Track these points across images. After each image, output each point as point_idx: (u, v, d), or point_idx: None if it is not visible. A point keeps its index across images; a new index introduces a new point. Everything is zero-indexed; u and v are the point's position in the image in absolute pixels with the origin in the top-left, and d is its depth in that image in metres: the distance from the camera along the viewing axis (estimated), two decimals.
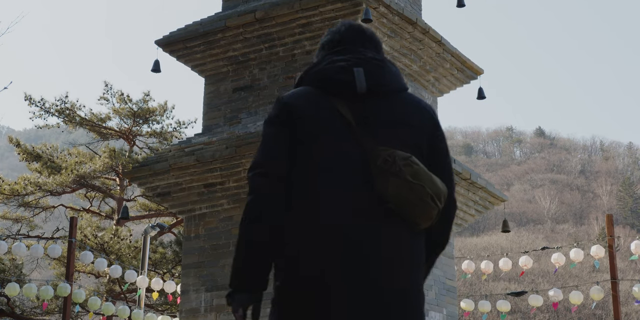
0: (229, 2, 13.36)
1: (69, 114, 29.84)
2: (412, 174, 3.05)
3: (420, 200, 3.05)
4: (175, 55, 13.11)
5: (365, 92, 3.20)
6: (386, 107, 3.23)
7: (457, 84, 13.95)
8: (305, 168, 3.14)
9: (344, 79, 3.20)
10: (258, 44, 12.46)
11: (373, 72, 3.26)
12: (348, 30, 3.42)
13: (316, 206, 3.10)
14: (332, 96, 3.19)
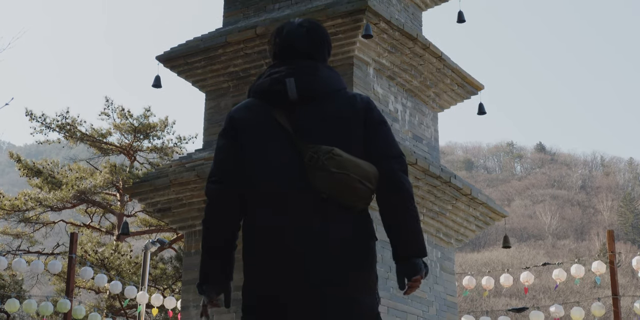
0: (230, 18, 13.40)
1: (70, 130, 29.86)
2: (336, 166, 3.40)
3: (348, 186, 3.41)
4: (176, 71, 13.13)
5: (297, 98, 3.56)
6: (317, 109, 3.57)
7: (458, 100, 13.96)
8: (250, 175, 3.53)
9: (278, 89, 3.59)
10: (259, 59, 12.49)
11: (304, 80, 3.59)
12: (284, 41, 3.76)
13: (257, 210, 3.51)
14: (271, 105, 3.58)
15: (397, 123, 12.64)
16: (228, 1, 13.63)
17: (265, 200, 3.50)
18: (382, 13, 11.66)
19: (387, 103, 12.49)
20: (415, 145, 12.92)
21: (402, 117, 12.84)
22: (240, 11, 13.38)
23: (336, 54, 11.93)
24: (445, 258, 12.75)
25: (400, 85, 12.91)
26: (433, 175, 11.80)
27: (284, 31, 3.80)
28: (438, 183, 11.98)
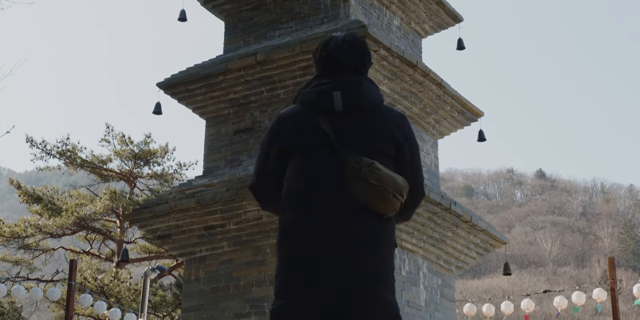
0: (230, 45, 13.45)
1: (70, 156, 29.88)
2: (376, 178, 3.68)
3: (384, 197, 3.70)
4: (176, 98, 13.16)
5: (342, 111, 3.85)
6: (360, 122, 3.86)
7: (458, 126, 13.98)
8: (291, 174, 3.82)
9: (325, 101, 3.86)
10: (259, 86, 12.52)
11: (349, 94, 3.89)
12: (330, 55, 4.04)
13: (292, 208, 3.77)
14: (317, 114, 3.85)
15: None
16: (229, 28, 13.70)
17: (301, 200, 3.76)
18: (382, 40, 11.70)
19: None
20: None
21: None
22: (241, 38, 13.44)
23: None
24: (446, 285, 12.70)
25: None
26: (433, 202, 11.78)
27: (330, 45, 4.08)
28: (438, 210, 11.97)
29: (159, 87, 13.13)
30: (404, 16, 13.90)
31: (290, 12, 13.13)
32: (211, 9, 13.85)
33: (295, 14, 13.05)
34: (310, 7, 12.93)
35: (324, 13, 12.75)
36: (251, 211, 11.51)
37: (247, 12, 13.57)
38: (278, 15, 13.23)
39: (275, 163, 3.91)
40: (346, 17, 12.44)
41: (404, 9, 13.79)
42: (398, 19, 13.82)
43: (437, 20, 14.43)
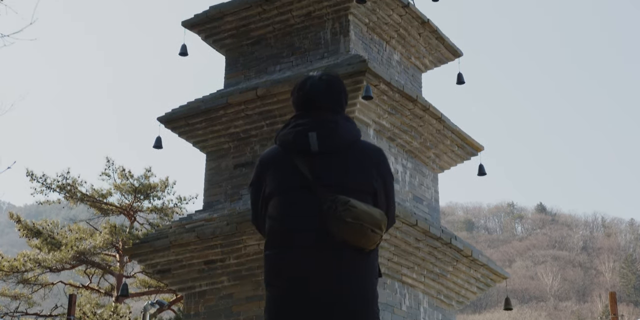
0: (231, 79, 13.51)
1: (70, 190, 29.85)
2: (352, 216, 3.73)
3: (362, 234, 3.74)
4: (177, 132, 13.19)
5: (319, 151, 3.93)
6: (336, 161, 3.94)
7: (458, 161, 13.99)
8: (273, 213, 3.93)
9: (302, 142, 3.96)
10: (259, 120, 12.55)
11: (325, 134, 3.98)
12: (306, 95, 4.17)
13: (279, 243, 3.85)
14: (294, 155, 3.95)
15: (398, 184, 12.64)
16: (229, 63, 13.76)
17: (283, 238, 3.85)
18: (382, 75, 11.75)
19: None
20: (416, 206, 12.91)
21: (403, 178, 12.85)
22: (242, 73, 13.50)
23: None
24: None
25: (400, 146, 12.95)
26: (434, 236, 11.76)
27: (307, 85, 4.20)
28: (439, 244, 11.93)
29: (160, 121, 13.16)
30: (404, 51, 13.97)
31: (290, 47, 13.20)
32: (212, 43, 13.92)
33: (296, 49, 13.12)
34: (311, 42, 13.01)
35: (325, 48, 12.81)
36: (251, 245, 11.48)
37: (248, 46, 13.65)
38: (279, 50, 13.30)
39: (263, 205, 4.05)
40: (346, 52, 12.50)
41: (404, 44, 13.87)
42: (398, 54, 13.89)
43: (437, 55, 14.50)
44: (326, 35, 12.92)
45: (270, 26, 13.39)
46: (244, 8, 13.37)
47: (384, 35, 13.50)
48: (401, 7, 13.30)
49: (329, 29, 12.94)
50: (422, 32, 13.95)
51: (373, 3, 12.93)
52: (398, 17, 13.43)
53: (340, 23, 12.86)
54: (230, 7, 13.45)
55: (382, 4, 13.04)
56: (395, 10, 13.29)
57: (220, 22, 13.64)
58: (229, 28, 13.64)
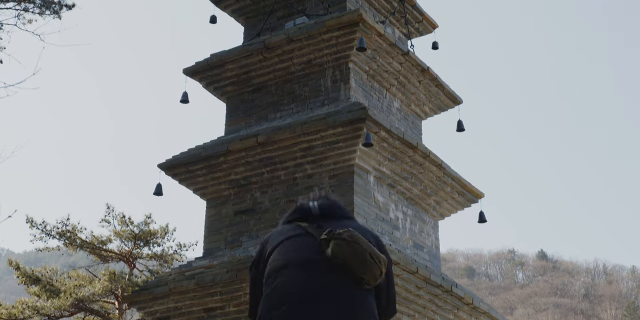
0: (232, 126, 13.55)
1: (70, 237, 29.77)
2: (350, 237, 3.74)
3: (360, 256, 3.71)
4: (177, 179, 13.19)
5: (319, 215, 4.05)
6: (336, 223, 4.01)
7: (458, 207, 13.98)
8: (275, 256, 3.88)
9: (304, 207, 4.12)
10: (260, 167, 12.56)
11: (327, 204, 4.15)
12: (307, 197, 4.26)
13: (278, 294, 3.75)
14: (296, 221, 4.05)
15: (398, 231, 12.62)
16: (230, 110, 13.82)
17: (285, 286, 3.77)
18: (382, 122, 11.79)
19: (387, 211, 12.50)
20: (416, 253, 12.86)
21: (403, 225, 12.83)
22: (242, 120, 13.55)
23: (337, 162, 12.01)
24: None
25: (400, 193, 12.95)
26: (434, 284, 11.70)
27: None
28: (439, 292, 11.87)
29: (160, 168, 13.18)
30: (404, 98, 14.04)
31: (291, 94, 13.27)
32: (213, 90, 14.00)
33: (296, 96, 13.19)
34: (311, 89, 13.08)
35: (325, 95, 12.88)
36: None
37: (249, 94, 13.72)
38: (279, 97, 13.37)
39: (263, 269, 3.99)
40: (347, 99, 12.56)
41: (404, 91, 13.94)
42: (398, 101, 13.95)
43: (436, 103, 14.56)
44: (327, 82, 12.99)
45: (271, 74, 13.47)
46: (245, 56, 13.46)
47: (384, 83, 13.57)
48: (401, 55, 13.40)
49: (329, 77, 13.01)
50: (422, 80, 14.03)
51: (373, 51, 13.03)
52: (398, 64, 13.52)
53: (340, 70, 12.95)
54: (231, 55, 13.54)
55: (382, 51, 13.14)
56: (395, 58, 13.39)
57: (221, 70, 13.72)
58: (229, 75, 13.72)
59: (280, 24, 14.13)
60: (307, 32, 12.86)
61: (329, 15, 12.99)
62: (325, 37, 12.80)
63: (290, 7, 14.08)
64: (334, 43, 12.81)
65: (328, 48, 12.90)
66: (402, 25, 14.84)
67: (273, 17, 14.28)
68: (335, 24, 12.62)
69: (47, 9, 13.01)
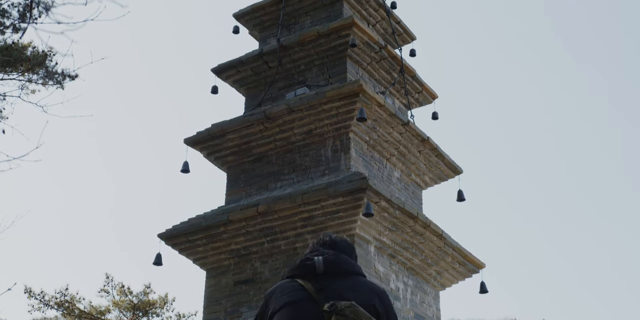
0: (232, 195, 13.56)
1: (68, 307, 29.55)
2: (353, 313, 3.74)
3: None
4: (177, 249, 13.14)
5: (323, 272, 4.02)
6: (341, 282, 4.00)
7: (459, 278, 13.89)
8: None
9: (307, 264, 4.06)
10: (260, 237, 12.53)
11: (331, 260, 4.09)
12: (317, 243, 4.30)
13: None
14: (299, 279, 4.03)
15: (399, 302, 12.52)
16: (231, 179, 13.84)
17: None
18: (382, 192, 11.80)
19: (388, 281, 12.42)
20: None
21: (404, 296, 12.73)
22: (243, 189, 13.56)
23: (338, 232, 11.97)
24: None
25: (401, 264, 12.89)
26: None
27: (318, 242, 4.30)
28: None
29: (160, 238, 13.14)
30: (405, 168, 14.08)
31: (291, 164, 13.30)
32: (214, 160, 14.04)
33: (297, 166, 13.22)
34: (312, 159, 13.12)
35: (325, 165, 12.91)
36: None
37: (249, 163, 13.76)
38: (280, 166, 13.41)
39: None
40: (347, 169, 12.59)
41: (404, 161, 13.99)
42: (398, 171, 13.99)
43: (437, 172, 14.60)
44: (327, 152, 13.04)
45: (271, 144, 13.53)
46: (246, 126, 13.54)
47: (384, 153, 13.63)
48: (401, 125, 13.48)
49: (330, 147, 13.07)
50: (422, 150, 14.09)
51: (373, 121, 13.11)
52: (398, 135, 13.59)
53: (341, 140, 13.01)
54: (232, 124, 13.63)
55: (382, 122, 13.22)
56: (395, 128, 13.46)
57: (222, 140, 13.79)
58: (230, 145, 13.78)
59: (281, 95, 14.25)
60: (308, 103, 12.96)
61: (329, 86, 13.11)
62: (326, 107, 12.89)
63: (291, 77, 14.23)
64: (335, 113, 12.90)
65: (328, 118, 12.98)
66: (402, 95, 14.97)
67: (274, 87, 14.42)
68: (335, 94, 12.73)
69: (50, 79, 13.15)
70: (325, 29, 13.82)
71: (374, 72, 14.45)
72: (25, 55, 12.53)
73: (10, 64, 12.40)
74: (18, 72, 12.81)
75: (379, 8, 15.32)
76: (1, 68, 12.53)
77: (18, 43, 12.31)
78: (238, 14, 15.59)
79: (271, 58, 14.34)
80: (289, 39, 14.17)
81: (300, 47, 14.12)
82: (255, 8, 15.40)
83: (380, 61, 14.35)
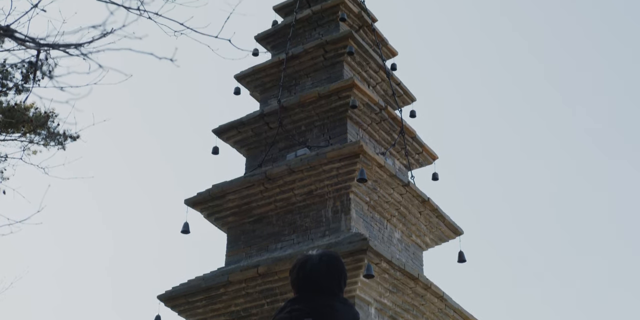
0: (232, 256, 13.50)
1: None
2: None
3: None
4: (177, 310, 13.04)
5: None
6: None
7: None
8: None
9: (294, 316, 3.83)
10: (260, 299, 12.44)
11: (317, 312, 3.89)
12: (306, 276, 4.03)
13: None
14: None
15: None
16: (231, 240, 13.80)
17: None
18: (383, 253, 11.75)
19: None
20: None
21: None
22: (243, 250, 13.51)
23: None
24: None
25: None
26: None
27: (307, 267, 4.05)
28: None
29: (160, 299, 13.05)
30: (405, 229, 14.04)
31: (292, 225, 13.27)
32: (214, 221, 14.01)
33: (297, 227, 13.19)
34: (312, 220, 13.09)
35: (326, 226, 12.88)
36: None
37: (250, 224, 13.73)
38: (280, 227, 13.37)
39: None
40: (347, 230, 12.56)
41: (405, 222, 13.96)
42: (399, 232, 13.95)
43: (437, 233, 14.56)
44: (327, 213, 13.03)
45: (272, 204, 13.52)
46: (246, 186, 13.55)
47: (385, 214, 13.61)
48: (401, 186, 13.48)
49: (330, 207, 13.06)
50: (422, 211, 14.07)
51: (374, 182, 13.12)
52: (399, 195, 13.59)
53: (341, 201, 13.00)
54: (232, 185, 13.63)
55: (382, 183, 13.23)
56: (395, 189, 13.47)
57: (222, 201, 13.78)
58: (231, 206, 13.77)
59: (282, 155, 14.29)
60: (309, 163, 12.98)
61: (330, 147, 13.15)
62: (326, 168, 12.92)
63: (291, 138, 14.28)
64: (335, 174, 12.92)
65: (329, 179, 13.00)
66: (402, 156, 15.01)
67: (275, 148, 14.47)
68: (336, 155, 12.76)
69: (52, 140, 13.20)
70: (325, 90, 13.92)
71: (374, 133, 14.51)
72: (27, 116, 12.61)
73: (12, 125, 12.47)
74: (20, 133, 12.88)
75: (379, 70, 15.45)
76: (3, 129, 12.60)
77: (20, 104, 12.40)
78: (239, 75, 15.72)
79: (272, 119, 14.41)
80: (289, 100, 14.26)
81: (301, 108, 14.21)
82: (257, 70, 15.53)
83: (381, 122, 14.43)
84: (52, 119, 13.22)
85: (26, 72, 11.27)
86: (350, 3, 15.98)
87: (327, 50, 14.92)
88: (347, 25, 15.86)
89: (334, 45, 14.85)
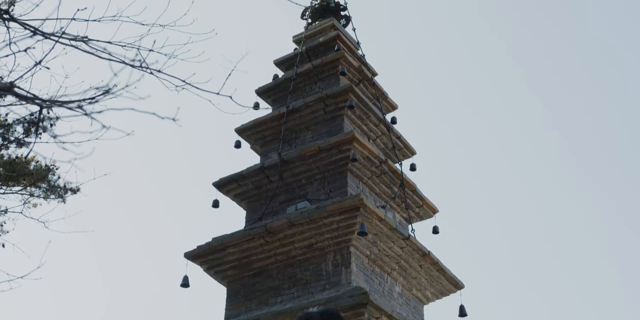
0: (232, 310, 13.43)
1: None
2: None
3: None
4: None
5: None
6: None
7: None
8: None
9: None
10: None
11: None
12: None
13: None
14: None
15: None
16: (230, 294, 13.73)
17: None
18: (383, 307, 11.69)
19: None
20: None
21: None
22: (243, 304, 13.44)
23: None
24: None
25: None
26: None
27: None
28: None
29: None
30: (406, 283, 13.98)
31: (292, 279, 13.22)
32: (214, 274, 13.96)
33: (297, 280, 13.14)
34: (312, 274, 13.05)
35: (326, 279, 12.84)
36: None
37: (249, 278, 13.67)
38: (280, 281, 13.32)
39: None
40: (348, 284, 12.51)
41: (405, 276, 13.90)
42: (399, 286, 13.89)
43: (438, 287, 14.49)
44: (328, 266, 12.98)
45: (272, 258, 13.49)
46: (246, 240, 13.52)
47: (385, 267, 13.56)
48: (402, 239, 13.46)
49: (330, 261, 13.02)
50: (423, 264, 14.03)
51: (374, 235, 13.10)
52: (399, 249, 13.56)
53: (341, 255, 12.96)
54: (232, 239, 13.61)
55: (383, 236, 13.21)
56: (396, 242, 13.44)
57: (222, 254, 13.74)
58: (231, 260, 13.73)
59: (282, 209, 14.29)
60: (309, 217, 12.98)
61: (330, 200, 13.16)
62: (327, 221, 12.91)
63: (291, 192, 14.29)
64: (335, 227, 12.90)
65: (329, 232, 12.98)
66: (402, 210, 15.00)
67: (275, 201, 14.47)
68: (336, 208, 12.76)
69: (52, 193, 13.22)
70: (326, 143, 13.98)
71: (374, 186, 14.53)
72: (28, 169, 12.65)
73: (13, 179, 12.50)
74: (21, 186, 12.91)
75: (380, 123, 15.53)
76: (4, 182, 12.63)
77: (21, 158, 12.45)
78: (240, 128, 15.79)
79: (272, 172, 14.45)
80: (290, 153, 14.31)
81: (301, 162, 14.25)
82: (257, 123, 15.61)
83: (381, 175, 14.45)
84: (52, 172, 13.26)
85: (28, 126, 11.34)
86: (350, 57, 16.12)
87: (328, 103, 15.01)
88: (348, 79, 15.97)
89: (334, 99, 14.95)
